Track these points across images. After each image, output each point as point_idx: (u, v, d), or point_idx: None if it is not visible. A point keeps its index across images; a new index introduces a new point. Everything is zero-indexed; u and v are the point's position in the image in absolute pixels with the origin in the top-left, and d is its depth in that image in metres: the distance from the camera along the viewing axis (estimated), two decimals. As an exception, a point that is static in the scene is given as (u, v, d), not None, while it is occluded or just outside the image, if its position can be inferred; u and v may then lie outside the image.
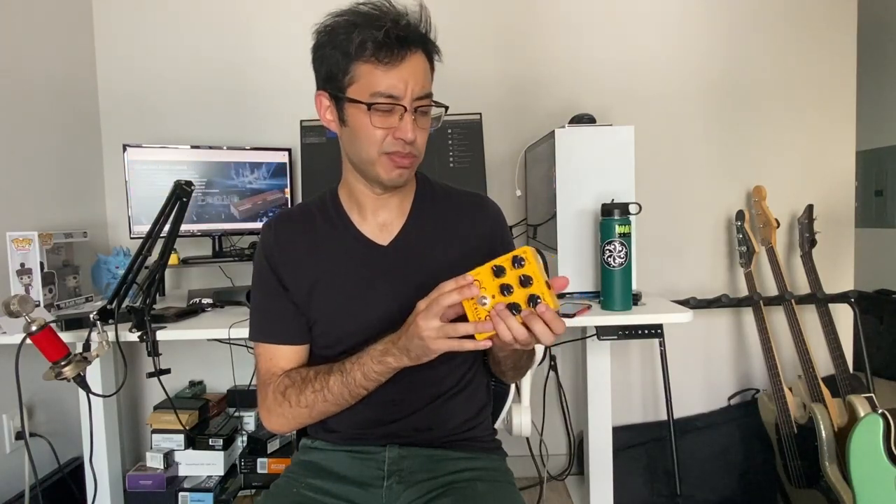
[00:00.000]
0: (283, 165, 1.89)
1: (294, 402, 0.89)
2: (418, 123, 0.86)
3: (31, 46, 1.75)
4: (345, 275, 0.92)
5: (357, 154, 0.88)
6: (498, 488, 0.91)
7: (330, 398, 0.87)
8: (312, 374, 0.89)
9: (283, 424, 0.92)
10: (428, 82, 0.88)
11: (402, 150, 0.85)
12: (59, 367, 1.13)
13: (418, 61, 0.85)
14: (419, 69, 0.85)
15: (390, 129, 0.84)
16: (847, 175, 2.11)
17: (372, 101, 0.82)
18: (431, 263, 0.92)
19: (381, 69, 0.82)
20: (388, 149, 0.85)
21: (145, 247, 1.31)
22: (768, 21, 2.06)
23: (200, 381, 2.06)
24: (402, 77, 0.82)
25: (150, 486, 1.76)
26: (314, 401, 0.88)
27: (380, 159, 0.86)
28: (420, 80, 0.85)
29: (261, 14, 2.00)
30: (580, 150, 1.50)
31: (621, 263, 1.36)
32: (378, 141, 0.85)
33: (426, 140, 0.90)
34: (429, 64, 0.88)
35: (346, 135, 0.88)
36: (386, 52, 0.81)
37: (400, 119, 0.84)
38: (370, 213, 0.94)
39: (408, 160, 0.87)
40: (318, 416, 0.91)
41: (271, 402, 0.91)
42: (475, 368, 0.98)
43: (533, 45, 2.04)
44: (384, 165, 0.86)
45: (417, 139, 0.86)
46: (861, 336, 1.94)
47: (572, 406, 2.09)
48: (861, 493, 1.52)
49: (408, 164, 0.87)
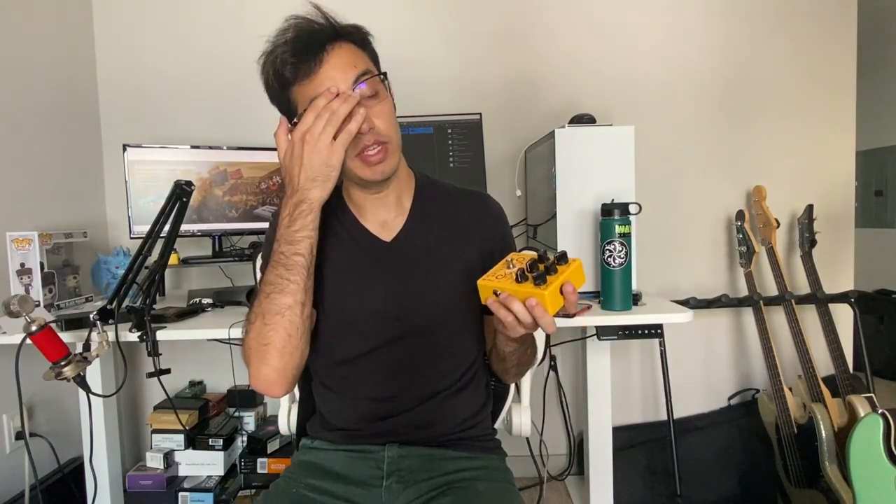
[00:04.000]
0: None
1: (248, 325, 0.83)
2: (369, 106, 0.84)
3: (32, 46, 1.75)
4: (349, 263, 0.92)
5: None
6: (497, 488, 0.91)
7: (274, 289, 0.81)
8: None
9: (255, 362, 0.82)
10: (359, 63, 0.84)
11: (368, 143, 0.84)
12: (59, 367, 1.13)
13: (339, 52, 0.83)
14: (343, 57, 0.83)
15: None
16: (847, 175, 2.11)
17: None
18: (434, 260, 0.93)
19: (306, 83, 0.82)
20: (356, 150, 0.84)
21: (145, 247, 1.31)
22: (768, 21, 2.06)
23: (200, 381, 2.06)
24: (328, 74, 0.82)
25: (150, 486, 1.76)
26: (260, 304, 0.81)
27: (354, 163, 0.85)
28: (347, 65, 0.83)
29: (261, 14, 2.00)
30: (580, 150, 1.50)
31: (621, 263, 1.36)
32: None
33: (391, 119, 0.87)
34: (356, 46, 0.86)
35: None
36: (303, 67, 0.81)
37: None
38: (370, 213, 0.94)
39: (380, 153, 0.85)
40: (274, 324, 0.81)
41: (244, 351, 0.85)
42: (475, 367, 0.98)
43: (533, 45, 2.04)
44: (360, 167, 0.86)
45: (377, 124, 0.84)
46: (861, 336, 1.94)
47: (572, 406, 2.09)
48: (861, 493, 1.52)
49: (381, 156, 0.85)
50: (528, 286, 0.74)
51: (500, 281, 0.76)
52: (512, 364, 0.94)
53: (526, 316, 0.74)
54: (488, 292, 0.77)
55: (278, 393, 0.85)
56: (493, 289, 0.76)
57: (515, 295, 0.74)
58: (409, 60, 1.98)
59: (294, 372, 0.85)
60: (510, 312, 0.75)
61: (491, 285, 0.77)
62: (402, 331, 0.91)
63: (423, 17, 2.03)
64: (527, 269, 0.75)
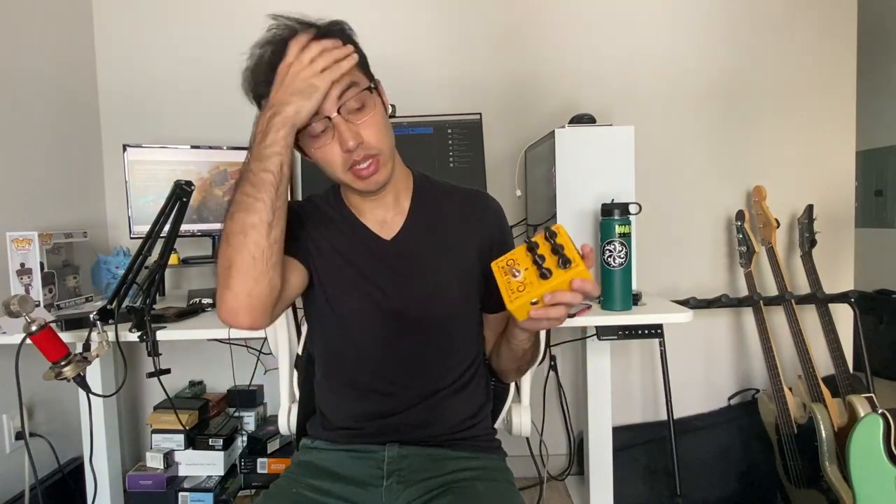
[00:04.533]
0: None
1: (219, 251, 0.79)
2: (356, 120, 0.81)
3: (32, 47, 1.75)
4: (351, 258, 0.92)
5: (330, 177, 0.88)
6: (497, 488, 0.92)
7: (238, 208, 0.76)
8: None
9: (219, 289, 0.78)
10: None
11: (357, 158, 0.82)
12: (59, 367, 1.13)
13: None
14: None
15: (334, 145, 0.82)
16: (847, 175, 2.11)
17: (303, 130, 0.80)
18: (433, 258, 0.93)
19: None
20: (347, 164, 0.83)
21: (145, 247, 1.31)
22: (768, 21, 2.06)
23: (200, 381, 2.06)
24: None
25: (150, 486, 1.76)
26: (224, 226, 0.77)
27: (347, 176, 0.85)
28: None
29: (261, 14, 2.00)
30: (580, 150, 1.50)
31: (621, 263, 1.36)
32: (335, 162, 0.83)
33: (381, 129, 0.84)
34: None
35: (315, 163, 0.88)
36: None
37: (335, 131, 0.81)
38: (368, 213, 0.94)
39: (371, 167, 0.83)
40: (237, 245, 0.76)
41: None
42: (475, 366, 0.98)
43: (533, 45, 2.04)
44: (353, 181, 0.85)
45: (365, 137, 0.82)
46: (861, 336, 1.93)
47: (572, 406, 2.09)
48: (861, 493, 1.52)
49: (372, 169, 0.84)
50: (560, 275, 0.72)
51: (528, 291, 0.74)
52: (525, 361, 0.94)
53: (577, 297, 0.72)
54: (526, 308, 0.74)
55: (244, 324, 0.78)
56: (528, 302, 0.74)
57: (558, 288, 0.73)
58: (409, 60, 1.98)
59: (261, 302, 0.77)
60: (560, 306, 0.73)
61: (524, 301, 0.74)
62: (403, 328, 0.91)
63: (423, 16, 2.03)
64: (540, 262, 0.74)
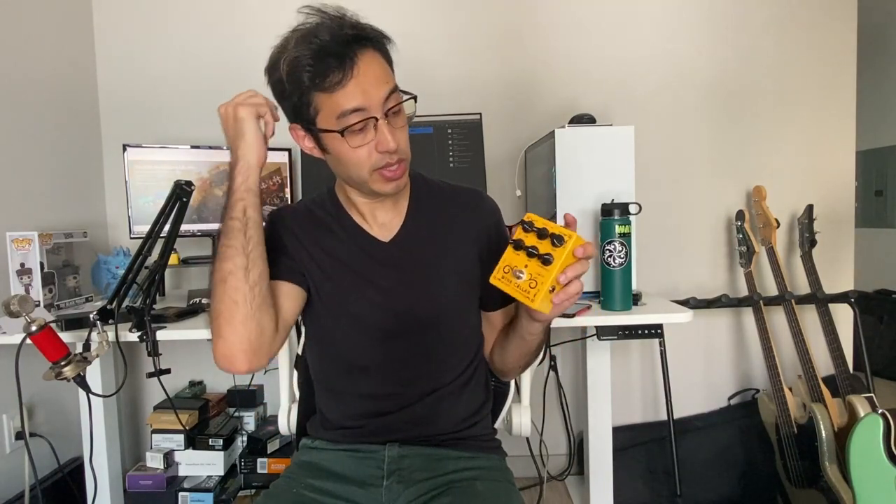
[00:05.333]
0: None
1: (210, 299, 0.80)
2: (395, 124, 0.83)
3: (31, 47, 1.75)
4: (348, 263, 0.92)
5: (347, 176, 0.87)
6: (498, 488, 0.91)
7: (216, 259, 0.79)
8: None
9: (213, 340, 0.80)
10: (389, 78, 0.83)
11: (391, 161, 0.83)
12: (59, 367, 1.13)
13: (370, 62, 0.80)
14: (374, 70, 0.80)
15: (370, 145, 0.81)
16: (847, 175, 2.11)
17: (342, 125, 0.80)
18: (430, 260, 0.93)
19: (338, 90, 0.78)
20: (377, 165, 0.83)
21: (145, 247, 1.31)
22: (768, 21, 2.06)
23: (200, 381, 2.06)
24: (361, 87, 0.79)
25: (150, 486, 1.76)
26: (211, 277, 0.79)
27: (371, 177, 0.85)
28: (380, 80, 0.80)
29: (260, 14, 2.00)
30: (580, 150, 1.50)
31: (621, 263, 1.36)
32: (363, 161, 0.83)
33: (408, 137, 0.87)
34: (381, 56, 0.83)
35: (332, 160, 0.88)
36: (334, 72, 0.77)
37: (375, 130, 0.81)
38: (368, 215, 0.94)
39: (399, 169, 0.85)
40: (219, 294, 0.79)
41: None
42: (475, 364, 0.98)
43: (533, 45, 2.04)
44: (377, 181, 0.85)
45: (400, 142, 0.83)
46: (861, 336, 1.93)
47: (572, 406, 2.09)
48: (861, 493, 1.52)
49: (400, 172, 0.85)
50: (560, 253, 0.73)
51: (541, 283, 0.74)
52: (534, 354, 0.94)
53: (585, 264, 0.76)
54: (548, 299, 0.75)
55: (242, 368, 0.79)
56: (547, 292, 0.74)
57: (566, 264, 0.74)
58: (409, 60, 1.96)
59: (252, 345, 0.79)
60: (575, 281, 0.75)
61: (543, 294, 0.74)
62: (403, 328, 0.91)
63: (423, 16, 2.03)
64: (538, 252, 0.75)
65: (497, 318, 0.99)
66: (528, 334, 0.88)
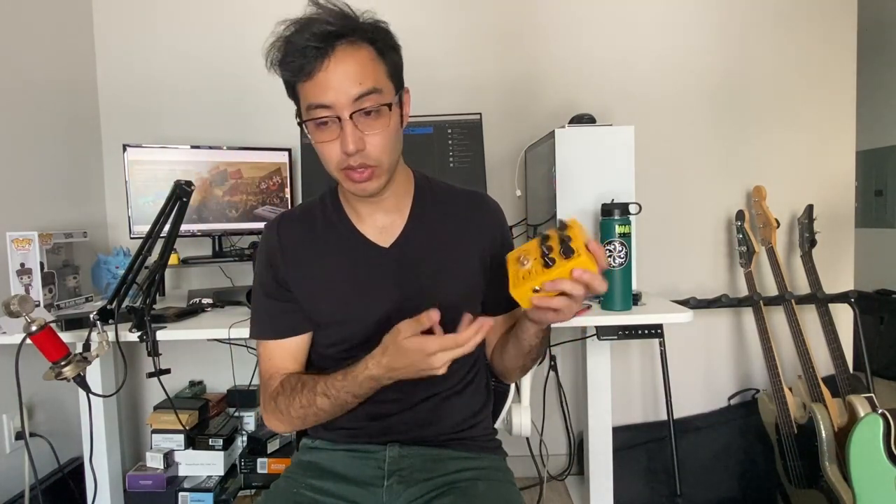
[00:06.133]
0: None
1: (285, 411, 0.90)
2: (365, 127, 0.79)
3: (32, 47, 1.75)
4: (348, 276, 0.92)
5: (327, 170, 0.86)
6: (498, 488, 0.91)
7: (322, 414, 0.88)
8: (300, 388, 0.88)
9: (279, 427, 0.94)
10: (366, 77, 0.78)
11: (353, 164, 0.81)
12: (59, 367, 1.13)
13: (346, 59, 0.77)
14: (347, 67, 0.77)
15: (336, 142, 0.80)
16: (847, 175, 2.11)
17: (308, 116, 0.80)
18: (433, 264, 0.92)
19: (307, 82, 0.78)
20: (341, 165, 0.82)
21: (145, 247, 1.31)
22: (768, 21, 2.06)
23: (200, 381, 2.06)
24: (327, 83, 0.76)
25: (150, 486, 1.76)
26: (305, 414, 0.89)
27: (340, 175, 0.84)
28: (351, 79, 0.77)
29: (260, 13, 2.00)
30: (580, 150, 1.50)
31: (621, 263, 1.36)
32: (331, 158, 0.82)
33: (388, 143, 0.82)
34: (369, 55, 0.79)
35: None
36: (304, 66, 0.76)
37: (341, 129, 0.79)
38: (367, 217, 0.93)
39: (364, 173, 0.81)
40: (313, 424, 0.93)
41: (267, 405, 0.93)
42: (476, 367, 0.98)
43: (533, 45, 2.04)
44: (345, 180, 0.84)
45: (369, 146, 0.80)
46: (861, 336, 1.93)
47: (572, 406, 2.09)
48: (861, 493, 1.52)
49: (365, 177, 0.82)
50: (562, 264, 0.73)
51: (531, 278, 0.75)
52: (531, 358, 0.94)
53: (578, 288, 0.72)
54: (528, 295, 0.75)
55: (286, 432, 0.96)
56: (531, 289, 0.75)
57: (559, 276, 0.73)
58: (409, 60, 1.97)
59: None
60: (563, 296, 0.74)
61: (526, 288, 0.75)
62: None
63: (423, 16, 2.03)
64: (546, 253, 0.74)
65: (499, 322, 0.99)
66: (523, 333, 0.88)
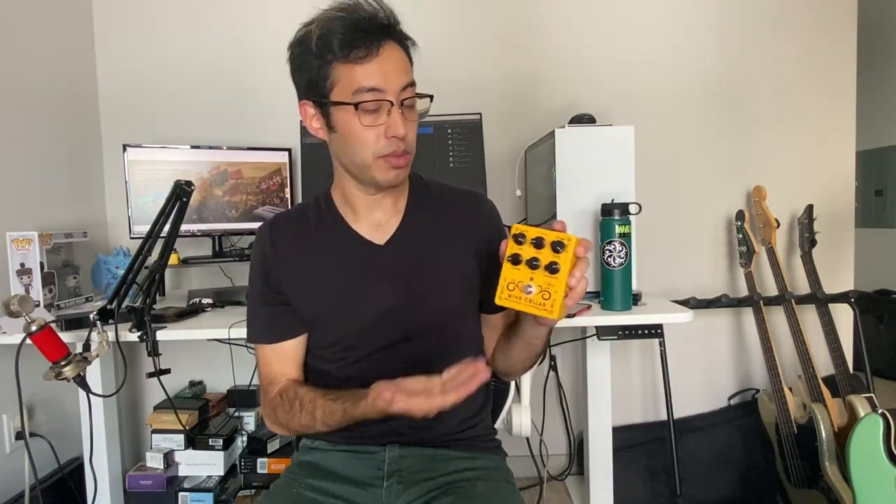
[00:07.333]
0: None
1: (284, 423, 0.92)
2: (407, 117, 0.85)
3: (32, 47, 1.74)
4: (342, 274, 0.92)
5: (350, 159, 0.87)
6: (498, 488, 0.91)
7: (321, 429, 0.89)
8: (297, 408, 0.89)
9: (280, 433, 0.98)
10: (409, 72, 0.86)
11: (397, 150, 0.84)
12: (59, 367, 1.13)
13: (394, 52, 0.84)
14: (397, 59, 0.84)
15: (380, 129, 0.83)
16: (847, 175, 2.11)
17: (357, 99, 0.81)
18: (428, 262, 0.93)
19: (359, 65, 0.81)
20: (382, 151, 0.84)
21: (145, 247, 1.31)
22: (768, 21, 2.06)
23: (200, 381, 2.06)
24: (382, 68, 0.81)
25: (150, 486, 1.76)
26: (304, 432, 0.92)
27: (375, 163, 0.85)
28: (400, 70, 0.83)
29: (260, 14, 2.00)
30: (580, 150, 1.50)
31: (621, 263, 1.36)
32: (370, 144, 0.83)
33: (416, 135, 0.88)
34: (405, 55, 0.87)
35: (337, 141, 0.87)
36: (361, 47, 0.80)
37: (388, 115, 0.82)
38: (364, 214, 0.93)
39: (403, 159, 0.86)
40: (307, 430, 0.93)
41: (267, 411, 0.95)
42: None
43: (533, 46, 2.04)
44: (380, 168, 0.85)
45: (408, 134, 0.85)
46: (861, 336, 1.93)
47: (572, 406, 2.09)
48: (861, 493, 1.52)
49: (403, 163, 0.86)
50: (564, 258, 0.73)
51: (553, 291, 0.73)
52: (538, 354, 0.94)
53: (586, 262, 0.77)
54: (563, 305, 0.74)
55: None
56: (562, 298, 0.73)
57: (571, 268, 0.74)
58: (409, 60, 1.98)
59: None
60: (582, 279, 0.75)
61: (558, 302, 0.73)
62: (401, 334, 0.91)
63: (423, 16, 2.02)
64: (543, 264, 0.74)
65: (498, 320, 0.99)
66: (535, 339, 0.88)
